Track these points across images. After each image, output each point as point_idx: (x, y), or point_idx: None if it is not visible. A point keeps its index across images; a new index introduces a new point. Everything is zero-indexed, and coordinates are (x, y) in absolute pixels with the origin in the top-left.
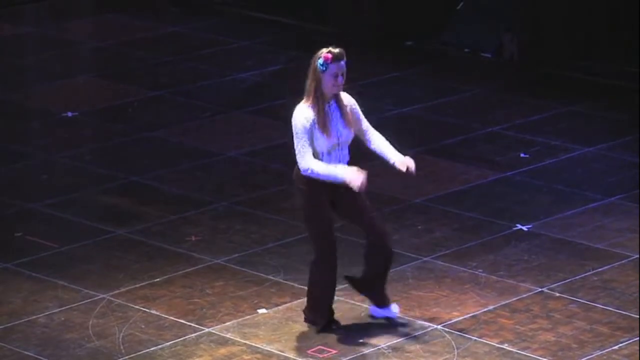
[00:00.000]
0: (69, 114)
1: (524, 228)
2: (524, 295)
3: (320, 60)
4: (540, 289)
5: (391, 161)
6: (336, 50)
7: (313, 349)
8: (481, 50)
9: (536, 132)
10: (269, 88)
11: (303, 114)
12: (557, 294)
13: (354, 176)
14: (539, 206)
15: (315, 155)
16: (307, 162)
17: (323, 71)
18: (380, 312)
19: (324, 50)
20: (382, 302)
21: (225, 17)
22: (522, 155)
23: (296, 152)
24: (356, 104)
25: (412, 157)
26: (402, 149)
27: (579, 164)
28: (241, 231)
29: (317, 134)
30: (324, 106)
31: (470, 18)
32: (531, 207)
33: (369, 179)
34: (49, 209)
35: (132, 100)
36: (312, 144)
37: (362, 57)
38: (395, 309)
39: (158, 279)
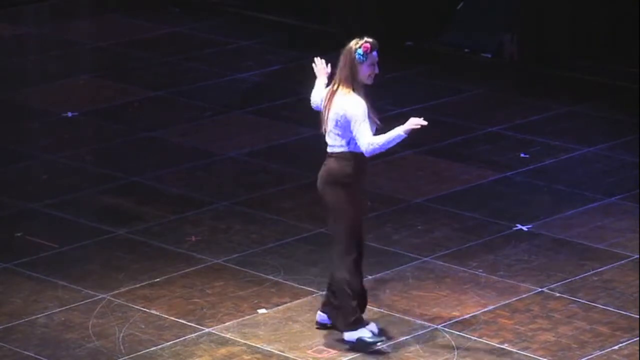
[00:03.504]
0: (69, 114)
1: (524, 228)
2: (524, 295)
3: (361, 51)
4: (540, 289)
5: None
6: (372, 40)
7: (313, 349)
8: (481, 50)
9: (536, 132)
10: (269, 88)
11: (361, 102)
12: (557, 294)
13: (412, 122)
14: (539, 206)
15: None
16: (368, 139)
17: (363, 61)
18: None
19: (360, 41)
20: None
21: (225, 17)
22: (522, 155)
23: (357, 136)
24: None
25: (412, 157)
26: (402, 149)
27: (579, 164)
28: (241, 231)
29: (368, 122)
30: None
31: (470, 18)
32: (531, 207)
33: (369, 178)
34: (49, 209)
35: (132, 100)
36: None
37: None
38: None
39: (158, 279)
